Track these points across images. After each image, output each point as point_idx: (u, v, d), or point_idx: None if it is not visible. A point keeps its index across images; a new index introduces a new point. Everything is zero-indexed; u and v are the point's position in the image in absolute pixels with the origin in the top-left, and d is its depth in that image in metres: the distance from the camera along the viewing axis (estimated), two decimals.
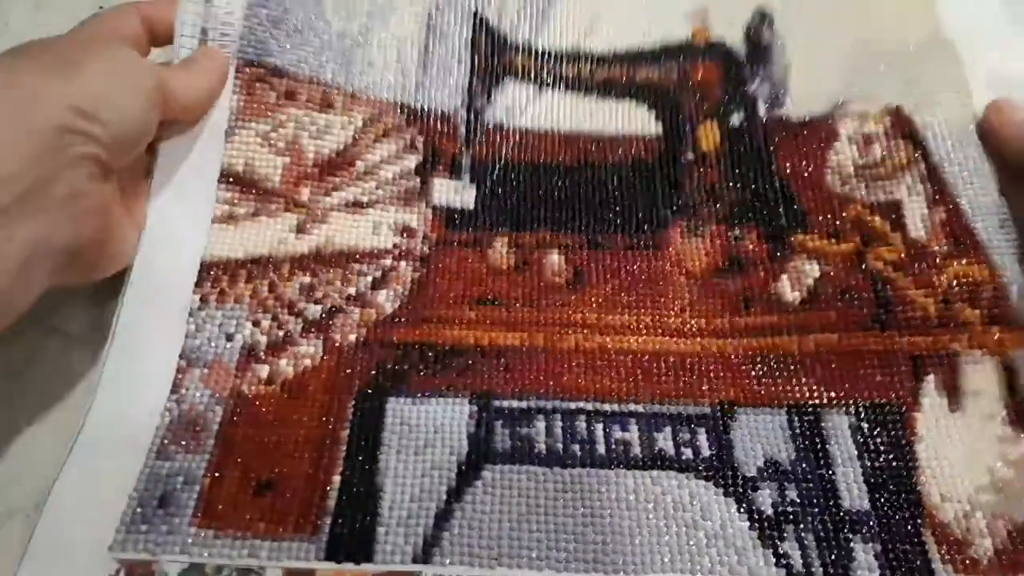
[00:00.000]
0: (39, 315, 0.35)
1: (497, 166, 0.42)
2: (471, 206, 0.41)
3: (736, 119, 0.43)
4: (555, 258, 0.39)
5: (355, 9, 0.44)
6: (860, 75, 0.43)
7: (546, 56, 0.45)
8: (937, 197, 0.39)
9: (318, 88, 0.42)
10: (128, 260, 0.36)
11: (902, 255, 0.38)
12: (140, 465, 0.33)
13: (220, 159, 0.39)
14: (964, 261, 0.37)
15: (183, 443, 0.33)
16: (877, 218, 0.39)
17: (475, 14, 0.45)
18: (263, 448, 0.33)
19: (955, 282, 0.37)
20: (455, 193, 0.41)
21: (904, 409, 0.35)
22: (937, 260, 0.37)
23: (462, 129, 0.43)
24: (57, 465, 0.32)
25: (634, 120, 0.44)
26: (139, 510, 0.31)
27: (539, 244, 0.40)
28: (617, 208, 0.41)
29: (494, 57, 0.45)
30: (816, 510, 0.32)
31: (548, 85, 0.45)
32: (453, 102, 0.43)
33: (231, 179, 0.39)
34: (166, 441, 0.33)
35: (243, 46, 0.41)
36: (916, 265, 0.37)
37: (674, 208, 0.41)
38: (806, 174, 0.41)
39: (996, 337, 0.35)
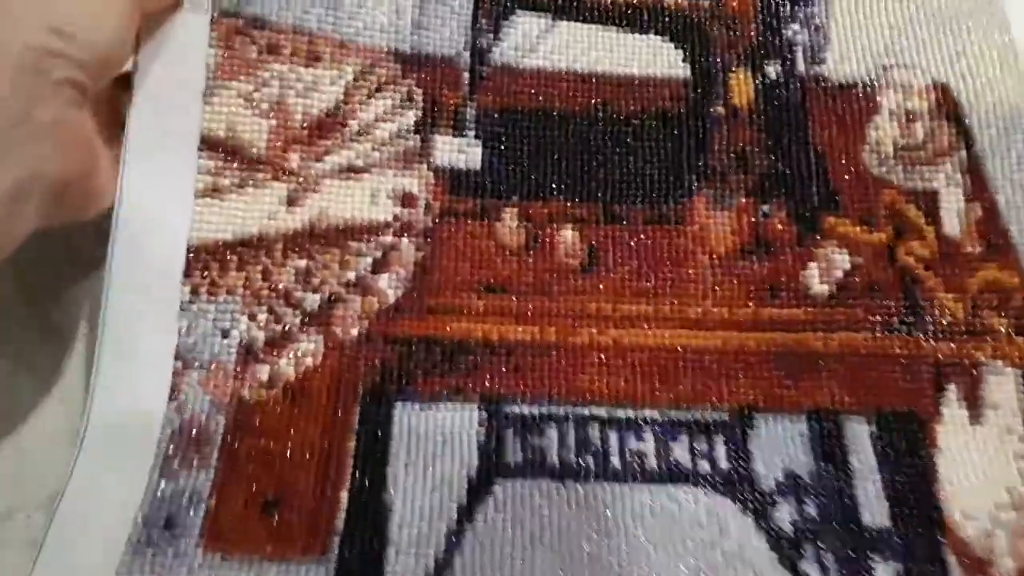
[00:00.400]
0: (39, 315, 0.36)
1: (506, 116, 0.38)
2: (477, 166, 0.37)
3: (772, 71, 0.38)
4: (569, 235, 0.36)
5: None
6: (905, 37, 0.39)
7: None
8: (975, 191, 0.36)
9: (303, 39, 0.37)
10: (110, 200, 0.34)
11: (934, 251, 0.36)
12: (144, 484, 0.31)
13: (199, 124, 0.35)
14: (995, 266, 0.35)
15: (187, 458, 0.32)
16: (912, 207, 0.36)
17: None
18: (268, 461, 0.32)
19: (985, 288, 0.35)
20: (459, 152, 0.37)
21: (925, 419, 0.33)
22: (970, 262, 0.35)
23: (465, 75, 0.38)
24: (56, 465, 0.32)
25: (659, 59, 0.39)
26: (145, 533, 0.31)
27: (551, 217, 0.37)
28: (638, 169, 0.37)
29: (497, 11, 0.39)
30: (836, 527, 0.32)
31: (564, 14, 0.40)
32: (456, 43, 0.38)
33: (213, 146, 0.35)
34: (169, 456, 0.32)
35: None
36: (947, 265, 0.35)
37: (700, 173, 0.37)
38: (842, 147, 0.37)
39: (1021, 349, 0.34)
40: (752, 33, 0.39)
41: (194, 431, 0.32)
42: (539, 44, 0.39)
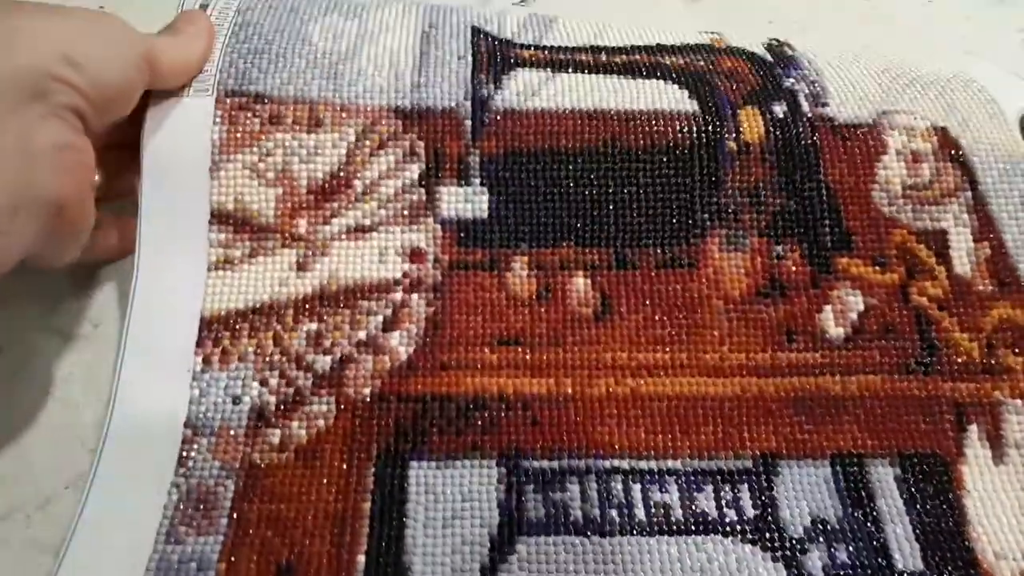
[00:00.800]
0: (39, 315, 0.37)
1: (512, 160, 0.38)
2: (484, 214, 0.37)
3: (779, 110, 0.39)
4: (580, 283, 0.36)
5: (343, 32, 0.40)
6: (897, 93, 0.40)
7: (557, 49, 0.40)
8: (982, 231, 0.36)
9: (304, 107, 0.37)
10: (104, 253, 0.36)
11: (946, 291, 0.36)
12: (149, 551, 0.30)
13: (208, 199, 0.35)
14: (1008, 304, 0.35)
15: (194, 523, 0.31)
16: (923, 247, 0.36)
17: (474, 28, 0.41)
18: (280, 525, 0.31)
19: (999, 326, 0.35)
20: (465, 201, 0.37)
21: (949, 461, 0.33)
22: (982, 300, 0.35)
23: (467, 123, 0.38)
24: (57, 465, 0.33)
25: (665, 96, 0.39)
26: None
27: (562, 264, 0.36)
28: (649, 207, 0.37)
29: (498, 53, 0.40)
30: (869, 572, 0.31)
31: (563, 69, 0.40)
32: (455, 95, 0.38)
33: (223, 219, 0.35)
34: (176, 521, 0.31)
35: (223, 78, 0.36)
36: (960, 304, 0.35)
37: (713, 211, 0.37)
38: (853, 186, 0.37)
39: None
40: (752, 81, 0.40)
41: (202, 495, 0.31)
42: (541, 90, 0.39)
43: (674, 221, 0.37)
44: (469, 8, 0.43)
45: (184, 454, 0.32)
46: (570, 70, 0.40)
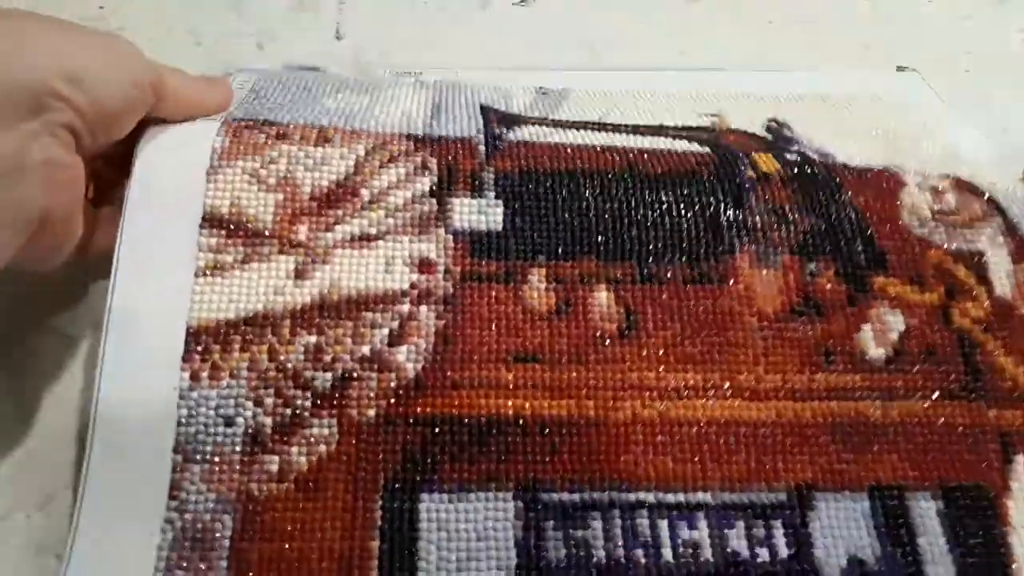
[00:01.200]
0: (39, 315, 0.36)
1: (527, 176, 0.35)
2: (499, 227, 0.34)
3: (791, 156, 0.37)
4: (603, 297, 0.33)
5: (356, 101, 0.39)
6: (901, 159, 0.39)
7: (565, 123, 0.39)
8: (1019, 253, 0.35)
9: (314, 129, 0.35)
10: (104, 252, 0.33)
11: (989, 313, 0.34)
12: None
13: (201, 201, 0.32)
14: None
15: (191, 566, 0.28)
16: (961, 267, 0.34)
17: (483, 107, 0.39)
18: (283, 568, 0.29)
19: None
20: (479, 213, 0.34)
21: (995, 494, 0.31)
22: None
23: (481, 147, 0.36)
24: (57, 465, 0.32)
25: (678, 144, 0.38)
26: None
27: (583, 278, 0.33)
28: (673, 225, 0.34)
29: (508, 125, 0.38)
30: None
31: (571, 128, 0.39)
32: (469, 130, 0.37)
33: (215, 223, 0.32)
34: (172, 563, 0.28)
35: (232, 112, 0.35)
36: (1004, 327, 0.34)
37: (739, 229, 0.35)
38: (880, 209, 0.36)
39: None
40: (759, 144, 0.39)
41: (199, 533, 0.29)
42: (553, 136, 0.38)
43: (701, 237, 0.35)
44: (479, 88, 0.42)
45: (175, 484, 0.29)
46: (580, 131, 0.39)
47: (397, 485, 0.30)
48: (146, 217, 0.32)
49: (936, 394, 0.32)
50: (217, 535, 0.29)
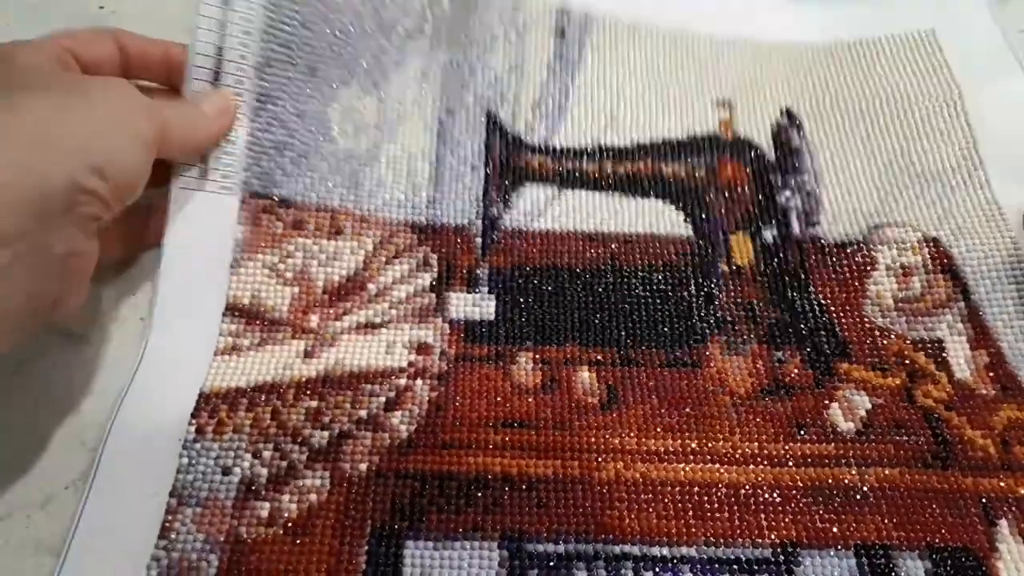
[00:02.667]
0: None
1: (518, 273, 0.39)
2: (491, 317, 0.37)
3: (769, 235, 0.40)
4: (586, 376, 0.36)
5: (363, 123, 0.42)
6: (894, 197, 0.41)
7: (565, 154, 0.43)
8: (978, 340, 0.37)
9: (326, 215, 0.39)
10: (106, 256, 0.33)
11: (951, 394, 0.35)
12: None
13: (225, 292, 0.36)
14: (1015, 406, 0.35)
15: None
16: (921, 355, 0.37)
17: (488, 115, 0.43)
18: None
19: (1010, 425, 0.34)
20: (473, 306, 0.38)
21: (982, 556, 0.31)
22: (987, 403, 0.35)
23: (477, 240, 0.40)
24: (57, 465, 0.32)
25: (662, 220, 0.41)
26: None
27: (567, 360, 0.36)
28: (650, 320, 0.38)
29: (509, 161, 0.42)
30: None
31: (568, 184, 0.42)
32: (468, 213, 0.41)
33: (236, 311, 0.36)
34: None
35: (248, 177, 0.38)
36: (967, 405, 0.35)
37: (711, 322, 0.38)
38: (844, 301, 0.38)
39: None
40: (747, 199, 0.42)
41: (183, 571, 0.29)
42: (547, 210, 0.41)
43: (674, 328, 0.38)
44: (483, 95, 0.44)
45: (167, 524, 0.30)
46: (575, 186, 0.42)
47: (383, 532, 0.30)
48: (174, 304, 0.35)
49: (911, 462, 0.33)
50: (202, 573, 0.29)
